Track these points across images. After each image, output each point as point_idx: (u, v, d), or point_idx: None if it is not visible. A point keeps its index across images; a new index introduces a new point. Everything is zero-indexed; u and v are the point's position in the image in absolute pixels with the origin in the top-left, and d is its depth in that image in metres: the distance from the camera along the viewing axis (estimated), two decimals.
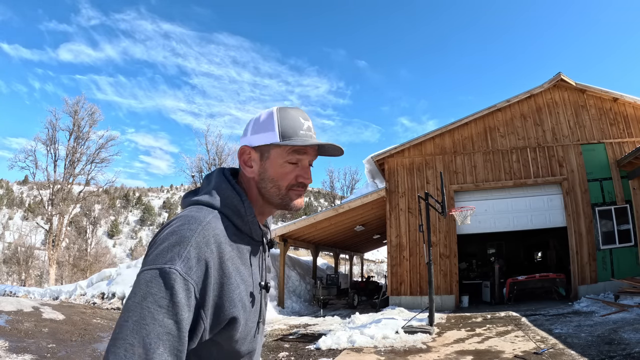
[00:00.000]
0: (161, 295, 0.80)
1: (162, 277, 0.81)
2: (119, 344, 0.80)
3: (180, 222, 0.89)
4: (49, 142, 27.16)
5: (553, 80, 12.46)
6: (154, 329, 0.78)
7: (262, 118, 1.01)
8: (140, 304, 0.80)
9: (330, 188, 44.59)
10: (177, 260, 0.82)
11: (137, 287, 0.82)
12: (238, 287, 0.91)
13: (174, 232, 0.87)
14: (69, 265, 36.08)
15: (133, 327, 0.79)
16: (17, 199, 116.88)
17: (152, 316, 0.79)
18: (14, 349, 6.17)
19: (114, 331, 0.83)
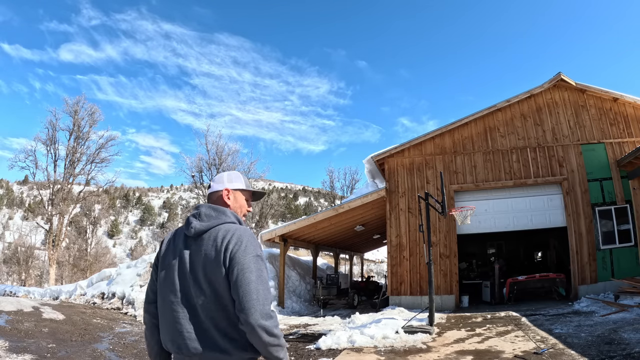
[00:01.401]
0: (263, 267, 1.65)
1: (259, 258, 1.66)
2: (258, 294, 1.57)
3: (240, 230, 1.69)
4: (49, 142, 27.14)
5: (553, 80, 12.45)
6: (267, 284, 1.63)
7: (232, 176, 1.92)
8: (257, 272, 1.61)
9: (330, 188, 44.55)
10: (258, 249, 1.67)
11: (249, 265, 1.60)
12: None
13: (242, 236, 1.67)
14: (69, 265, 36.07)
15: (261, 286, 1.59)
16: (17, 199, 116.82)
17: (264, 278, 1.63)
18: (14, 348, 6.17)
19: (248, 289, 1.56)
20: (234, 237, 1.64)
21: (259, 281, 1.57)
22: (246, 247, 1.62)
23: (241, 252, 1.60)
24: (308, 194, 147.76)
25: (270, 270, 14.29)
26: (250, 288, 1.55)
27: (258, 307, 1.52)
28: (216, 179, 1.91)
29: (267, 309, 1.55)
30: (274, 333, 1.55)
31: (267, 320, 1.53)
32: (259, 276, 1.58)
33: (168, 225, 74.30)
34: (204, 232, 1.70)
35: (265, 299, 1.56)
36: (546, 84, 12.48)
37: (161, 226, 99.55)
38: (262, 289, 1.57)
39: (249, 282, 1.56)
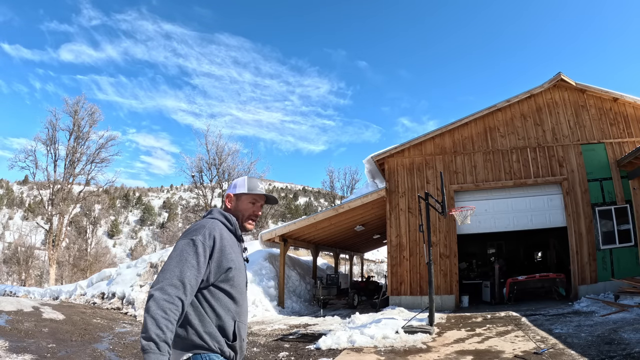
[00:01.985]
0: (190, 249, 1.65)
1: (191, 240, 1.67)
2: (166, 272, 1.59)
3: (200, 222, 1.80)
4: (49, 142, 27.16)
5: (553, 80, 12.45)
6: (186, 264, 1.61)
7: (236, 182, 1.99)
8: (179, 253, 1.64)
9: (330, 188, 44.53)
10: (199, 235, 1.69)
11: (176, 247, 1.67)
12: (230, 254, 1.76)
13: (196, 224, 1.77)
14: (69, 265, 36.06)
15: (175, 263, 1.61)
16: (17, 199, 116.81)
17: (185, 260, 1.62)
18: (14, 348, 6.17)
19: (161, 269, 1.61)
20: (192, 224, 1.81)
21: (174, 259, 1.62)
22: (188, 232, 1.73)
23: (181, 236, 1.74)
24: (308, 194, 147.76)
25: (270, 270, 14.29)
26: (165, 262, 1.65)
27: (158, 279, 1.57)
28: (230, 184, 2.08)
29: (162, 281, 1.55)
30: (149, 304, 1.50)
31: (154, 290, 1.53)
32: (178, 255, 1.62)
33: (168, 225, 74.27)
34: None
35: (170, 273, 1.57)
36: (546, 84, 12.48)
37: (161, 226, 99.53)
38: (172, 265, 1.59)
39: (169, 257, 1.64)
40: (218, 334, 1.67)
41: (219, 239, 1.72)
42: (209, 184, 31.24)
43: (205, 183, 31.01)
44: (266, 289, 13.48)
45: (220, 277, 1.71)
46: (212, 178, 30.86)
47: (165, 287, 1.53)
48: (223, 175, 30.88)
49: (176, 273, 1.57)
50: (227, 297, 1.73)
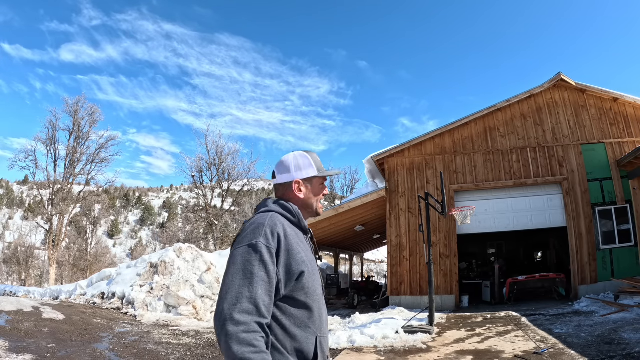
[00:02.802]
0: (254, 258, 1.29)
1: (252, 246, 1.31)
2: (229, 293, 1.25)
3: (254, 219, 1.44)
4: (49, 142, 27.16)
5: (553, 80, 12.45)
6: (255, 278, 1.27)
7: (298, 162, 1.59)
8: (242, 266, 1.29)
9: (330, 188, 44.56)
10: (259, 237, 1.33)
11: (235, 258, 1.32)
12: (299, 253, 1.39)
13: (251, 224, 1.40)
14: (69, 265, 36.07)
15: (240, 280, 1.26)
16: (17, 199, 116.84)
17: (251, 273, 1.27)
18: (14, 348, 6.16)
19: (221, 290, 1.27)
20: (244, 225, 1.44)
21: (236, 274, 1.28)
22: (245, 235, 1.37)
23: (236, 241, 1.39)
24: None
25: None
26: (224, 281, 1.29)
27: (222, 305, 1.24)
28: (280, 167, 1.60)
29: (231, 309, 1.22)
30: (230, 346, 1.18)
31: (227, 325, 1.20)
32: (241, 269, 1.29)
33: (168, 225, 74.31)
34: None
35: (236, 297, 1.24)
36: (546, 84, 12.48)
37: (161, 226, 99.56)
38: (237, 285, 1.26)
39: (225, 274, 1.31)
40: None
41: (283, 237, 1.37)
42: (209, 184, 31.25)
43: (205, 183, 31.01)
44: None
45: (292, 285, 1.35)
46: (212, 178, 30.88)
47: (236, 316, 1.21)
48: (223, 175, 30.90)
49: (245, 294, 1.24)
50: (302, 310, 1.37)
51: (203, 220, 30.39)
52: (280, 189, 1.60)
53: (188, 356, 6.63)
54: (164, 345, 7.38)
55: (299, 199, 1.57)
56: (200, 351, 6.97)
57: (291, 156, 1.62)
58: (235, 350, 1.17)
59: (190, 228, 34.18)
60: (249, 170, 31.58)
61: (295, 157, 1.61)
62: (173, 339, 8.02)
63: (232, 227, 33.01)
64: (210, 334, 8.74)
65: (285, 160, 1.61)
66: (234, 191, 32.63)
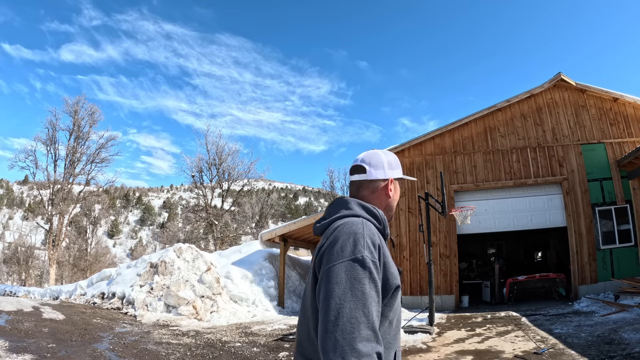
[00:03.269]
0: (362, 275, 1.10)
1: (359, 261, 1.12)
2: (342, 318, 1.04)
3: (347, 228, 1.21)
4: (49, 142, 27.19)
5: (553, 80, 12.45)
6: (368, 300, 1.08)
7: (390, 159, 1.45)
8: (350, 285, 1.08)
9: (331, 188, 44.55)
10: (363, 249, 1.14)
11: (338, 275, 1.10)
12: (393, 266, 1.23)
13: (347, 235, 1.18)
14: (69, 265, 36.07)
15: (352, 302, 1.07)
16: (17, 199, 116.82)
17: (362, 292, 1.08)
18: (14, 348, 6.16)
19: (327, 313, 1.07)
20: (334, 233, 1.22)
21: (345, 298, 1.07)
22: (342, 247, 1.15)
23: (331, 255, 1.16)
24: (308, 194, 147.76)
25: (270, 270, 14.29)
26: (328, 305, 1.08)
27: (334, 334, 1.03)
28: (374, 161, 1.42)
29: (348, 337, 1.02)
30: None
31: (347, 355, 1.00)
32: (349, 289, 1.08)
33: (168, 225, 74.30)
34: (323, 230, 1.33)
35: (350, 322, 1.04)
36: (546, 83, 12.48)
37: (161, 226, 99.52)
38: (348, 308, 1.05)
39: (329, 296, 1.09)
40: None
41: (381, 249, 1.20)
42: (209, 184, 31.26)
43: (205, 183, 31.02)
44: (266, 289, 13.48)
45: (386, 300, 1.20)
46: (212, 178, 30.89)
47: (358, 346, 1.01)
48: (223, 175, 30.91)
49: (360, 319, 1.05)
50: (387, 326, 1.22)
51: (203, 220, 30.40)
52: (364, 187, 1.41)
53: (188, 356, 6.63)
54: (164, 345, 7.38)
55: (386, 200, 1.43)
56: (200, 351, 6.97)
57: (381, 152, 1.46)
58: None
59: (190, 228, 34.18)
60: (249, 170, 31.62)
61: (385, 153, 1.46)
62: (173, 339, 8.02)
63: (232, 227, 32.98)
64: (210, 334, 8.74)
65: (377, 155, 1.44)
66: (234, 191, 32.63)
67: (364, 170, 1.41)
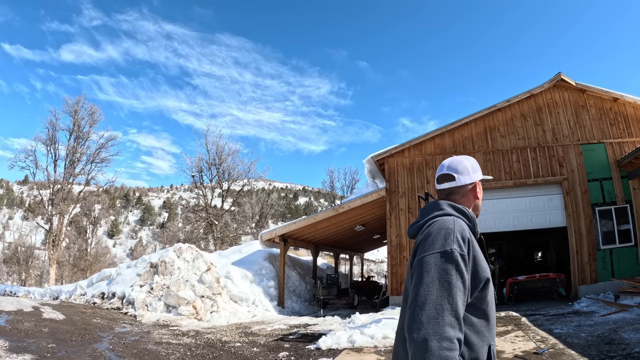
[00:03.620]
0: (450, 266, 1.23)
1: (448, 253, 1.25)
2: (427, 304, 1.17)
3: (439, 224, 1.35)
4: (49, 142, 27.16)
5: (553, 80, 12.45)
6: (454, 289, 1.20)
7: (472, 163, 1.58)
8: (438, 275, 1.21)
9: (330, 188, 44.52)
10: (452, 243, 1.27)
11: (428, 266, 1.24)
12: (483, 260, 1.34)
13: (438, 228, 1.33)
14: (69, 265, 36.05)
15: (438, 290, 1.19)
16: (17, 199, 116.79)
17: (449, 283, 1.20)
18: (14, 348, 6.16)
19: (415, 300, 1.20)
20: (427, 229, 1.37)
21: (433, 285, 1.20)
22: (433, 241, 1.30)
23: (424, 247, 1.31)
24: (308, 194, 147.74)
25: (270, 270, 14.29)
26: (417, 291, 1.21)
27: (420, 317, 1.16)
28: (460, 168, 1.56)
29: (428, 328, 1.14)
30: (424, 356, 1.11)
31: (429, 341, 1.12)
32: (438, 279, 1.21)
33: (168, 225, 74.26)
34: (417, 232, 1.47)
35: (435, 308, 1.16)
36: (546, 84, 12.48)
37: (161, 226, 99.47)
38: (435, 298, 1.18)
39: (418, 283, 1.23)
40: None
41: (471, 243, 1.32)
42: (209, 184, 31.25)
43: (205, 183, 31.01)
44: (266, 289, 13.48)
45: (476, 293, 1.31)
46: (212, 178, 30.89)
47: (441, 330, 1.13)
48: (223, 175, 30.91)
49: (446, 306, 1.17)
50: (481, 319, 1.33)
51: (203, 220, 30.39)
52: (454, 193, 1.55)
53: (188, 356, 6.63)
54: (164, 345, 7.38)
55: (474, 201, 1.57)
56: (200, 351, 6.97)
57: (462, 158, 1.60)
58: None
59: (190, 228, 34.18)
60: (249, 170, 31.61)
61: (466, 158, 1.61)
62: (173, 339, 8.02)
63: (232, 227, 32.98)
64: (210, 334, 8.74)
65: (461, 161, 1.58)
66: (234, 191, 32.63)
67: (453, 178, 1.56)
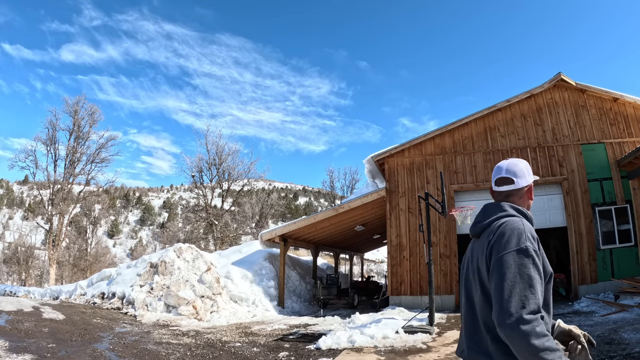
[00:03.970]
0: (528, 261, 1.42)
1: (524, 250, 1.43)
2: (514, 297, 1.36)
3: (510, 224, 1.53)
4: (49, 142, 27.15)
5: (553, 80, 12.45)
6: (533, 281, 1.39)
7: (526, 166, 1.75)
8: (518, 269, 1.40)
9: (330, 188, 44.52)
10: (526, 241, 1.45)
11: (507, 263, 1.43)
12: (544, 256, 1.51)
13: (510, 229, 1.51)
14: (69, 265, 36.04)
15: (522, 283, 1.38)
16: (17, 199, 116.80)
17: (527, 275, 1.40)
18: (14, 348, 6.16)
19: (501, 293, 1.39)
20: (499, 229, 1.54)
21: (515, 278, 1.39)
22: (508, 240, 1.47)
23: (500, 246, 1.48)
24: (308, 194, 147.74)
25: (270, 270, 14.29)
26: (502, 286, 1.39)
27: (509, 309, 1.35)
28: (517, 172, 1.73)
29: (516, 312, 1.34)
30: (529, 343, 1.30)
31: (521, 324, 1.31)
32: (518, 273, 1.40)
33: (168, 225, 74.27)
34: (482, 231, 1.65)
35: (518, 300, 1.36)
36: (546, 84, 12.48)
37: (161, 226, 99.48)
38: (519, 288, 1.38)
39: (502, 279, 1.41)
40: None
41: (538, 240, 1.51)
42: (209, 184, 31.25)
43: (205, 183, 31.01)
44: (266, 289, 13.48)
45: (543, 286, 1.49)
46: (212, 178, 30.89)
47: (527, 317, 1.32)
48: (223, 175, 30.91)
49: (529, 296, 1.36)
50: (544, 308, 1.48)
51: (203, 220, 30.39)
52: (512, 195, 1.72)
53: (188, 356, 6.63)
54: (164, 345, 7.38)
55: (528, 201, 1.74)
56: (200, 351, 6.97)
57: (518, 161, 1.76)
58: (537, 343, 1.30)
59: (190, 228, 34.18)
60: (249, 170, 31.61)
61: (521, 161, 1.76)
62: (173, 339, 8.02)
63: (232, 227, 32.97)
64: (210, 334, 8.74)
65: (517, 165, 1.74)
66: (234, 191, 32.63)
67: (512, 181, 1.72)
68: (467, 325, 1.63)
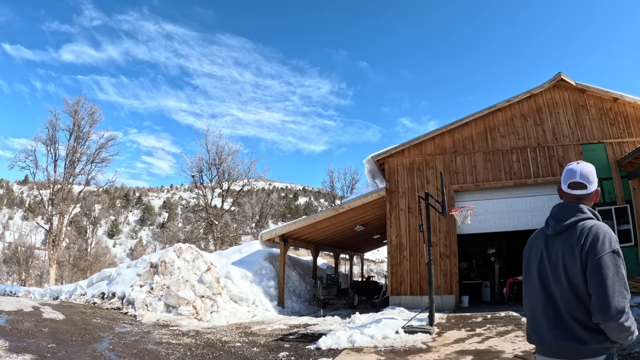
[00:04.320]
0: (620, 262, 1.71)
1: (617, 252, 1.73)
2: (614, 291, 1.63)
3: (601, 228, 1.78)
4: (49, 142, 27.16)
5: (553, 80, 12.45)
6: (624, 278, 1.68)
7: (594, 171, 1.99)
8: (615, 269, 1.68)
9: (330, 188, 44.52)
10: (616, 244, 1.74)
11: (606, 262, 1.69)
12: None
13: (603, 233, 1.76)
14: (69, 265, 36.05)
15: (617, 282, 1.65)
16: (17, 199, 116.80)
17: (621, 273, 1.68)
18: (14, 348, 6.16)
19: (604, 288, 1.65)
20: (591, 233, 1.76)
21: (614, 278, 1.65)
22: (603, 243, 1.72)
23: (597, 249, 1.71)
24: (308, 194, 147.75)
25: (270, 270, 14.29)
26: (606, 284, 1.64)
27: (611, 304, 1.61)
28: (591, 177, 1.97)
29: (619, 305, 1.61)
30: (625, 328, 1.62)
31: (618, 316, 1.60)
32: (615, 272, 1.67)
33: (168, 225, 74.27)
34: (563, 230, 1.85)
35: (619, 295, 1.62)
36: (546, 84, 12.48)
37: (161, 226, 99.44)
38: (617, 286, 1.64)
39: (605, 278, 1.65)
40: None
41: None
42: (209, 184, 31.25)
43: (205, 183, 31.02)
44: (266, 289, 13.48)
45: None
46: (212, 178, 30.89)
47: (626, 309, 1.63)
48: (223, 175, 30.91)
49: (623, 291, 1.65)
50: None
51: (203, 220, 30.39)
52: (584, 198, 1.95)
53: (188, 356, 6.63)
54: (164, 345, 7.39)
55: (593, 204, 1.98)
56: (200, 351, 6.97)
57: (588, 167, 1.99)
58: (632, 327, 1.64)
59: (190, 228, 34.18)
60: (249, 170, 31.61)
61: (590, 167, 2.00)
62: (173, 339, 8.02)
63: (232, 227, 32.96)
64: (210, 334, 8.74)
65: (589, 171, 1.97)
66: (234, 191, 32.63)
67: (585, 186, 1.94)
68: (548, 313, 1.83)
